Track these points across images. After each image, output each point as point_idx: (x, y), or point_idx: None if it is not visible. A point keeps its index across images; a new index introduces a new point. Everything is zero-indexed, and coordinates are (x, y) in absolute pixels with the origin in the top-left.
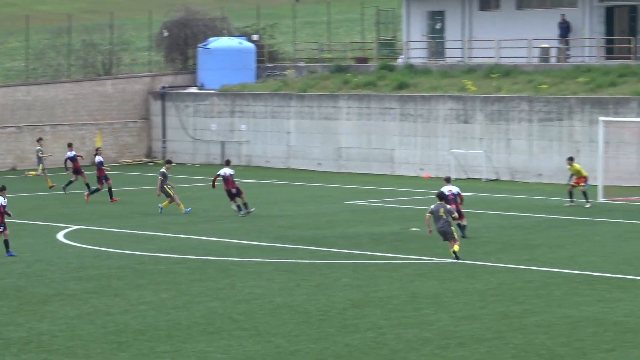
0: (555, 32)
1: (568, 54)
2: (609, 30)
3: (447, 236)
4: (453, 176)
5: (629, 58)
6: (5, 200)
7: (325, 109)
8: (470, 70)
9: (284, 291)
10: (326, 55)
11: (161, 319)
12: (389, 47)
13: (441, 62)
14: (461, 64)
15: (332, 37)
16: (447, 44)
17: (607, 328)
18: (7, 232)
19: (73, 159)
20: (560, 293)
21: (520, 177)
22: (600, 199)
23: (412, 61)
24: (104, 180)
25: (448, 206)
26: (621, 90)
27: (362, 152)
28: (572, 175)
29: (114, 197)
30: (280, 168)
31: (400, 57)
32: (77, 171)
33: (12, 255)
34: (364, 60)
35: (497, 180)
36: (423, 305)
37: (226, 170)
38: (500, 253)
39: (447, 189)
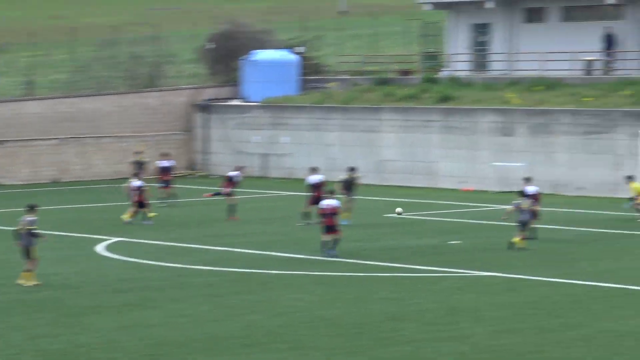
0: (599, 44)
1: (613, 67)
2: None
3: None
4: (495, 189)
5: None
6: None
7: (367, 121)
8: (514, 83)
9: (321, 304)
10: (370, 68)
11: (200, 332)
12: (433, 59)
13: (485, 75)
14: (505, 76)
15: (377, 50)
16: (491, 57)
17: None
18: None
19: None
20: (600, 307)
21: (561, 190)
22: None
23: (456, 74)
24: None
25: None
26: None
27: (405, 164)
28: (638, 194)
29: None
30: None
31: (444, 69)
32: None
33: None
34: (407, 72)
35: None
36: (461, 319)
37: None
38: (540, 266)
39: (530, 189)
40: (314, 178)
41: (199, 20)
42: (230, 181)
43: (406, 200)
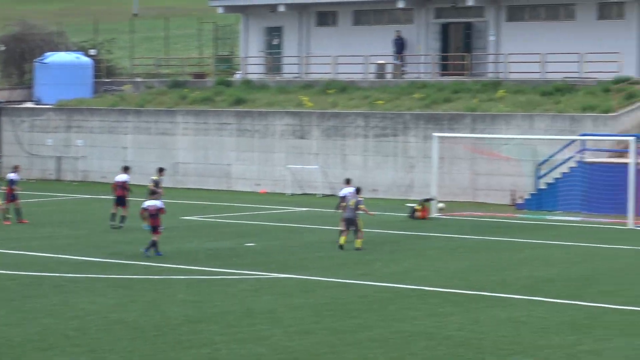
0: (391, 48)
1: (404, 70)
2: (445, 46)
3: (350, 225)
4: (289, 192)
5: (463, 74)
6: None
7: (162, 124)
8: (307, 86)
9: (118, 307)
10: (163, 71)
11: None
12: (227, 62)
13: (278, 78)
14: (298, 79)
15: (170, 53)
16: (285, 60)
17: (440, 342)
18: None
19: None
20: (394, 308)
21: None
22: (434, 214)
23: (250, 77)
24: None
25: (359, 198)
26: (455, 106)
27: (199, 167)
28: None
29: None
30: None
31: (238, 72)
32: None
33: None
34: (201, 75)
35: (332, 195)
36: (258, 321)
37: None
38: (335, 268)
39: (347, 191)
40: (120, 177)
41: None
42: (11, 183)
43: (201, 202)
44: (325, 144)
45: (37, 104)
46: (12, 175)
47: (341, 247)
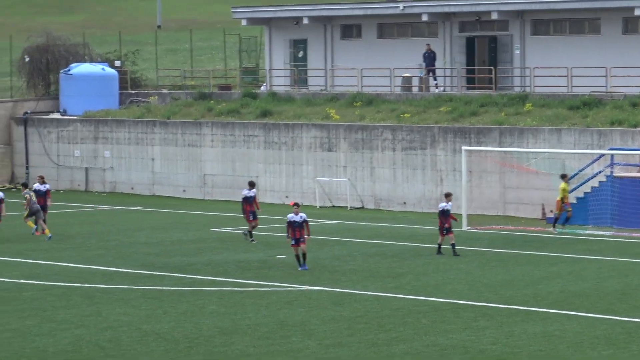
0: (416, 61)
1: (437, 84)
2: (470, 60)
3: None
4: (318, 204)
5: (489, 88)
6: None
7: (189, 135)
8: (333, 99)
9: (150, 318)
10: (189, 82)
11: (27, 347)
12: (252, 74)
13: (304, 90)
14: (324, 92)
15: (195, 65)
16: (310, 72)
17: (474, 356)
18: None
19: None
20: (427, 321)
21: (384, 205)
22: (465, 228)
23: (275, 89)
24: None
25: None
26: (482, 119)
27: (227, 179)
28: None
29: None
30: (145, 195)
31: (263, 85)
32: None
33: None
34: (227, 87)
35: (362, 208)
36: (291, 333)
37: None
38: (366, 281)
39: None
40: (248, 193)
41: (13, 33)
42: (39, 194)
43: (230, 214)
44: (353, 157)
45: (63, 115)
46: (37, 186)
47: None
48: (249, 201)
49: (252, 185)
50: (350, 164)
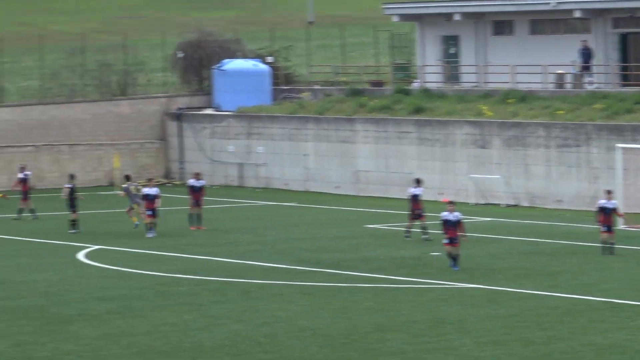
0: (569, 57)
1: (591, 81)
2: (624, 57)
3: None
4: (472, 201)
5: None
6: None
7: (342, 132)
8: (486, 95)
9: (306, 314)
10: (341, 79)
11: (185, 341)
12: (404, 70)
13: (456, 87)
14: (477, 88)
15: (347, 61)
16: (463, 69)
17: (632, 356)
18: None
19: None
20: (585, 320)
21: (539, 203)
22: (621, 226)
23: (428, 85)
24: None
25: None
26: (638, 117)
27: (380, 175)
28: None
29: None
30: (299, 190)
31: (416, 81)
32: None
33: None
34: (379, 84)
35: (516, 205)
36: (447, 331)
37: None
38: (522, 279)
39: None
40: (415, 190)
41: (166, 29)
42: (193, 190)
43: (384, 211)
44: (506, 154)
45: (217, 111)
46: (191, 182)
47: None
48: (416, 199)
49: (418, 182)
50: (504, 161)
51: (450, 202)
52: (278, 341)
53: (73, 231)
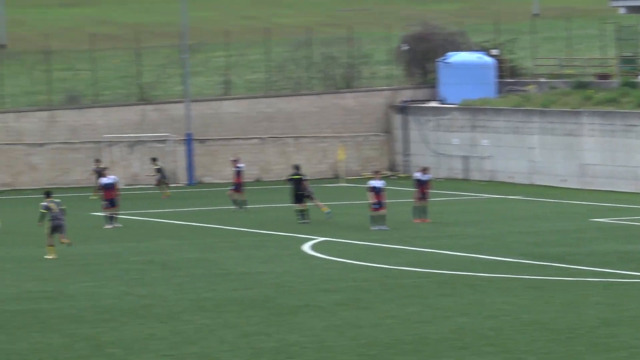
0: None
1: None
2: None
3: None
4: None
5: None
6: None
7: (567, 125)
8: None
9: (532, 308)
10: (567, 71)
11: (408, 333)
12: (630, 63)
13: None
14: None
15: (573, 53)
16: None
17: None
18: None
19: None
20: None
21: None
22: None
23: None
24: None
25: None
26: None
27: (607, 169)
28: None
29: None
30: (523, 184)
31: None
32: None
33: None
34: (605, 76)
35: None
36: None
37: None
38: None
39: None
40: None
41: (391, 22)
42: (419, 184)
43: (611, 204)
44: None
45: (442, 104)
46: (418, 175)
47: None
48: None
49: None
50: None
51: None
52: (503, 334)
53: (303, 221)
